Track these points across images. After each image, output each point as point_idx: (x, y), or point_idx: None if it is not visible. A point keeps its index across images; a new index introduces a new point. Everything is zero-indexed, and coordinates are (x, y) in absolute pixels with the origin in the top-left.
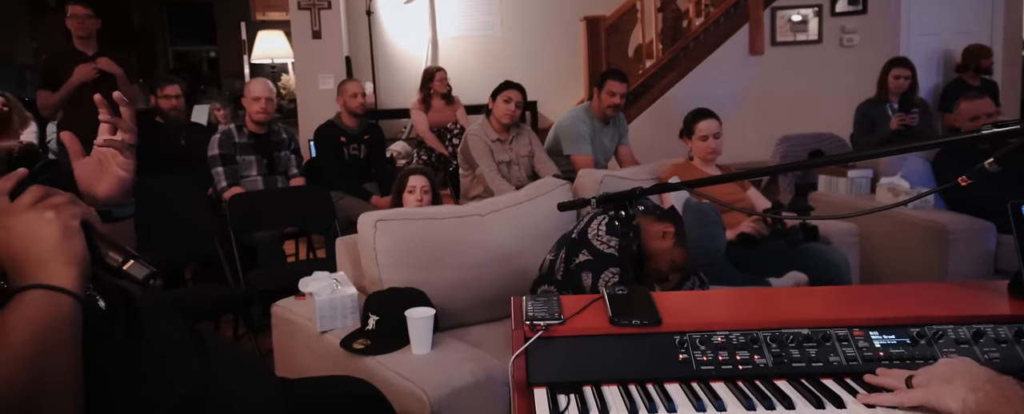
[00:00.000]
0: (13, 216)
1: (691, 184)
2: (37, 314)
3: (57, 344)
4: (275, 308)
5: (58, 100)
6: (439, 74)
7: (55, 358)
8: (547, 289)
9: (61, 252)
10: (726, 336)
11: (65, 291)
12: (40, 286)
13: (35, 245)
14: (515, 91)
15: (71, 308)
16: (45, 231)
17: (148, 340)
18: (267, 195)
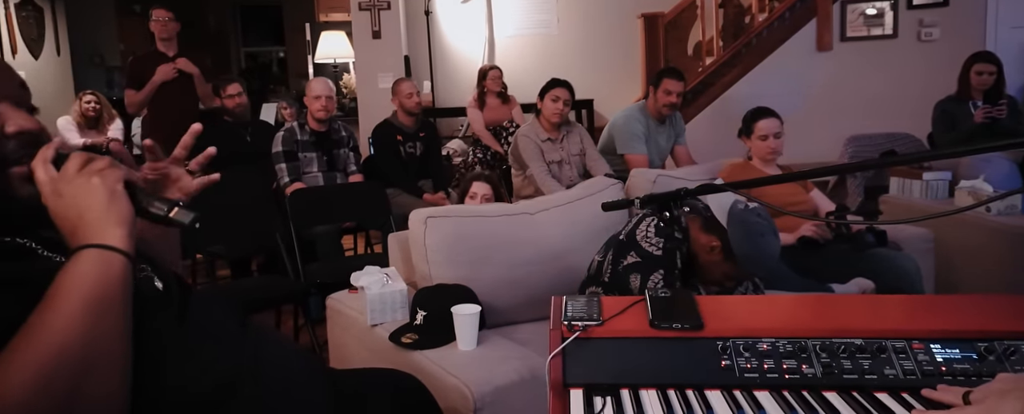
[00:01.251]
0: (64, 183)
1: (739, 185)
2: (90, 270)
3: (109, 298)
4: (330, 301)
5: (142, 98)
6: (492, 72)
7: (107, 312)
8: (594, 290)
9: (110, 214)
10: (772, 343)
11: (115, 249)
12: (92, 246)
13: (87, 211)
14: (563, 89)
15: (122, 265)
16: (94, 196)
17: (198, 321)
18: (326, 191)
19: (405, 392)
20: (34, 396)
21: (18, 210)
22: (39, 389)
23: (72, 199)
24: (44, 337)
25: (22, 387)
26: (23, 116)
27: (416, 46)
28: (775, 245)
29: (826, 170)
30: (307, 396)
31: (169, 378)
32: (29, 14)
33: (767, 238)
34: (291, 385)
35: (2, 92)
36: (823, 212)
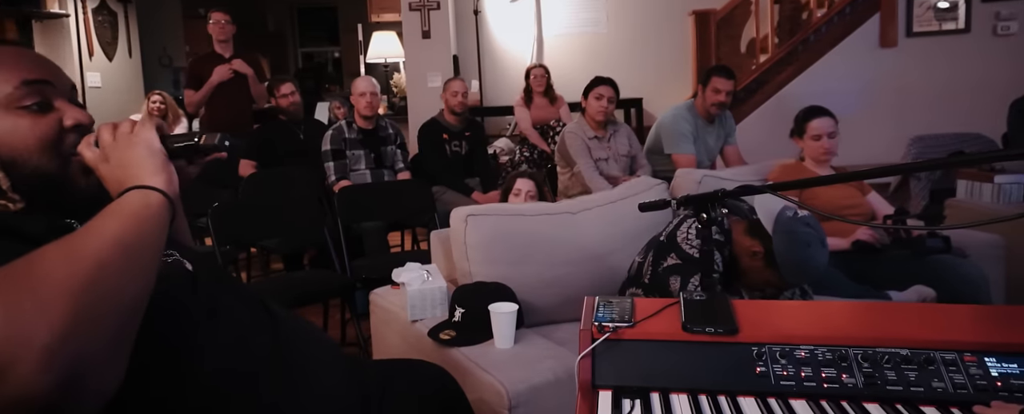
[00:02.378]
0: (110, 149)
1: (779, 186)
2: (130, 205)
3: (147, 233)
4: (373, 295)
5: (200, 98)
6: (535, 71)
7: (144, 246)
8: (634, 291)
9: (149, 165)
10: (811, 351)
11: (154, 188)
12: (133, 187)
13: (130, 166)
14: (607, 87)
15: (160, 200)
16: (134, 153)
17: (226, 306)
18: (372, 188)
19: (428, 382)
20: (54, 265)
21: (80, 198)
22: (62, 261)
23: (117, 160)
24: (76, 234)
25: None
26: (79, 111)
27: (465, 45)
28: (822, 256)
29: (881, 170)
30: (329, 382)
31: (196, 361)
32: (105, 19)
33: (813, 248)
34: (314, 371)
35: (61, 90)
36: (881, 216)
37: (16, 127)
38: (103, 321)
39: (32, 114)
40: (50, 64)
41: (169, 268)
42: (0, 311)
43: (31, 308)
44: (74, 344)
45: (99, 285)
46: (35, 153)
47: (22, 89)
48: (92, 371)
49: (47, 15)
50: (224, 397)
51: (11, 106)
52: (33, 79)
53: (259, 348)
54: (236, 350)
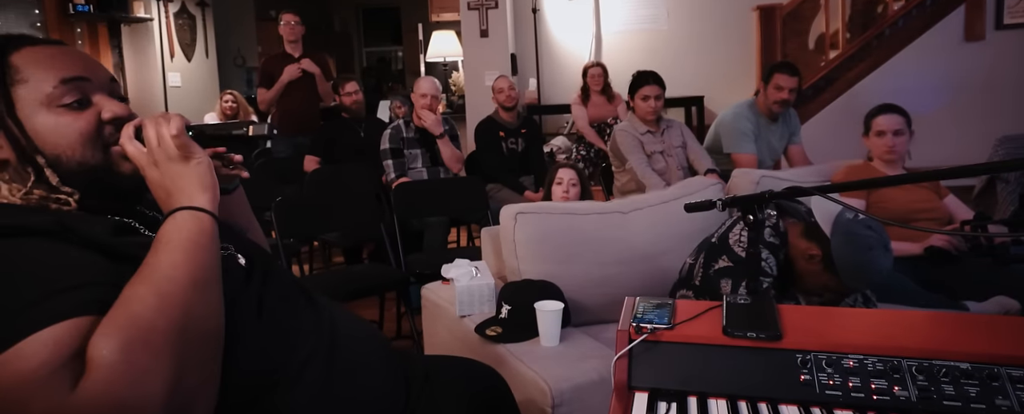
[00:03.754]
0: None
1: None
2: (184, 223)
3: (203, 246)
4: (424, 290)
5: (271, 97)
6: (593, 70)
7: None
8: (685, 293)
9: (196, 182)
10: (860, 360)
11: (202, 210)
12: (184, 208)
13: (178, 179)
14: (651, 86)
15: (210, 221)
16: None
17: (278, 296)
18: (427, 185)
19: (478, 380)
20: (155, 314)
21: (121, 184)
22: (158, 308)
23: (166, 170)
24: (152, 270)
25: (142, 301)
26: (116, 103)
27: (523, 44)
28: (884, 261)
29: (953, 171)
30: (374, 375)
31: (247, 349)
32: (184, 22)
33: (875, 252)
34: (361, 364)
35: (99, 84)
36: (958, 220)
37: (58, 124)
38: (202, 360)
39: (72, 111)
40: (87, 59)
41: (224, 262)
42: (124, 368)
43: (146, 362)
44: (182, 391)
45: (190, 331)
46: (78, 148)
47: (61, 87)
48: (203, 405)
49: (134, 19)
50: (268, 387)
51: (52, 104)
52: (71, 76)
53: (304, 341)
54: (281, 342)
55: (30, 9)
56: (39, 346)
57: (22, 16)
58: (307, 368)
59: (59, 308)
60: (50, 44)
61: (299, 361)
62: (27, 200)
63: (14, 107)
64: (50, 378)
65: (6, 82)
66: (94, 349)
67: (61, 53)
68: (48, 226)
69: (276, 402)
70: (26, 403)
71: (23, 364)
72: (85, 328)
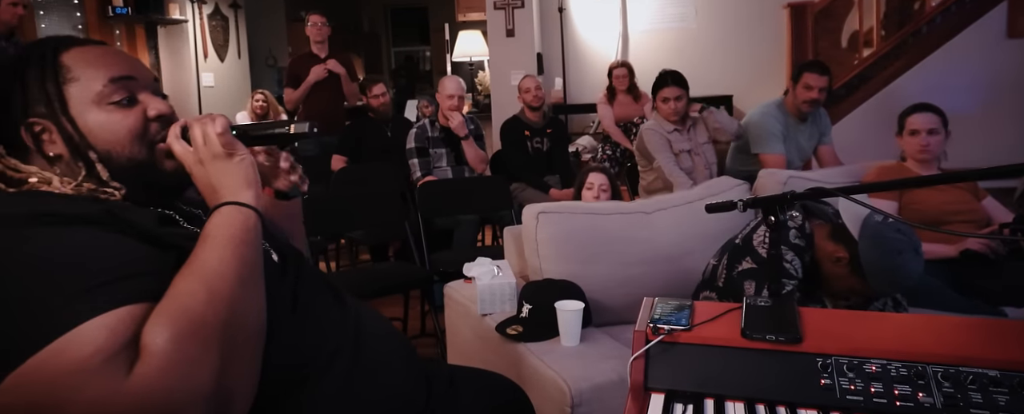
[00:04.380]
0: (206, 156)
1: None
2: (229, 219)
3: (247, 241)
4: (447, 289)
5: (298, 96)
6: (618, 71)
7: (246, 251)
8: (708, 295)
9: (241, 179)
10: (883, 365)
11: (246, 205)
12: (228, 203)
13: (224, 176)
14: (672, 87)
15: (254, 217)
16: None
17: (308, 294)
18: (451, 184)
19: (499, 393)
20: (205, 307)
21: (164, 180)
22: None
23: (212, 168)
24: (202, 264)
25: (193, 296)
26: (161, 102)
27: (549, 43)
28: (915, 265)
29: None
30: (395, 378)
31: (279, 344)
32: (218, 23)
33: (905, 256)
34: (384, 362)
35: (144, 83)
36: (997, 223)
37: (108, 121)
38: (244, 354)
39: (121, 108)
40: (132, 59)
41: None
42: (177, 357)
43: (196, 354)
44: (226, 382)
45: (236, 324)
46: (126, 144)
47: (110, 86)
48: (242, 399)
49: (170, 21)
50: (297, 382)
51: (102, 102)
52: (119, 76)
53: (332, 339)
54: (311, 338)
55: (72, 12)
56: (95, 332)
57: (65, 18)
58: (333, 364)
59: (114, 295)
60: (95, 44)
61: (326, 357)
62: (77, 192)
63: (67, 105)
64: (105, 364)
65: (59, 81)
66: (148, 337)
67: (108, 53)
68: (100, 215)
69: (301, 397)
70: (81, 388)
71: (80, 349)
72: (139, 316)
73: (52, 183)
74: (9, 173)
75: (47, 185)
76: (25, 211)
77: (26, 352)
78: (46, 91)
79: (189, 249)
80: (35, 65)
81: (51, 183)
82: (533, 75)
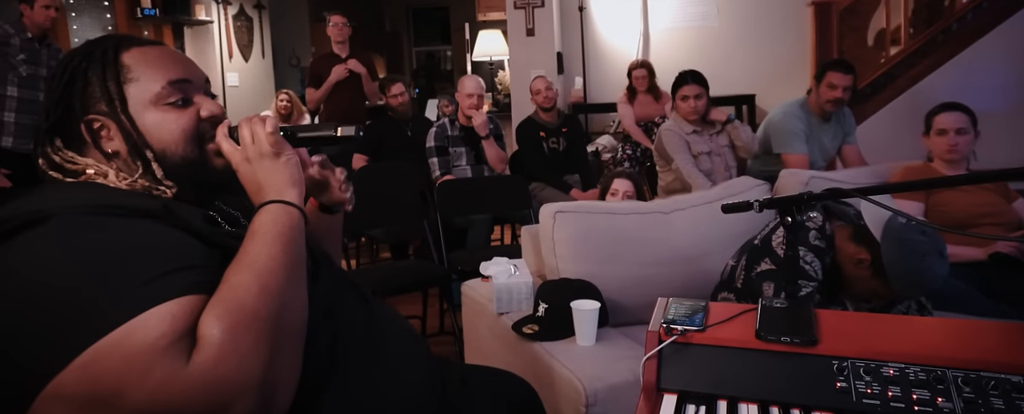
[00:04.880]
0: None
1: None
2: (275, 216)
3: (293, 238)
4: (464, 287)
5: (319, 96)
6: (637, 72)
7: (292, 248)
8: (726, 296)
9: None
10: (901, 369)
11: (291, 203)
12: (274, 201)
13: (269, 175)
14: (692, 85)
15: (298, 215)
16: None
17: (327, 294)
18: (470, 183)
19: (513, 394)
20: (257, 301)
21: (213, 178)
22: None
23: (259, 166)
24: (254, 259)
25: (246, 289)
26: (213, 103)
27: (569, 42)
28: (940, 268)
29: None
30: (411, 379)
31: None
32: (242, 24)
33: (929, 259)
34: (401, 365)
35: (197, 84)
36: None
37: (164, 121)
38: (290, 346)
39: (176, 109)
40: (188, 62)
41: None
42: (231, 349)
43: (248, 346)
44: (274, 375)
45: (284, 319)
46: (180, 143)
47: (168, 88)
48: (285, 392)
49: (196, 22)
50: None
51: (159, 103)
52: (177, 79)
53: (356, 340)
54: (339, 342)
55: (103, 13)
56: (158, 319)
57: (96, 20)
58: (355, 364)
59: (174, 285)
60: (154, 45)
61: (350, 357)
62: (132, 187)
63: (127, 104)
64: (168, 349)
65: (120, 80)
66: (205, 328)
67: (165, 54)
68: (160, 210)
69: (324, 396)
70: (148, 371)
71: (146, 334)
72: (197, 306)
73: (108, 176)
74: (67, 164)
75: (103, 178)
76: (91, 202)
77: (97, 332)
78: (107, 90)
79: (234, 247)
80: (97, 63)
81: (107, 176)
82: (544, 76)
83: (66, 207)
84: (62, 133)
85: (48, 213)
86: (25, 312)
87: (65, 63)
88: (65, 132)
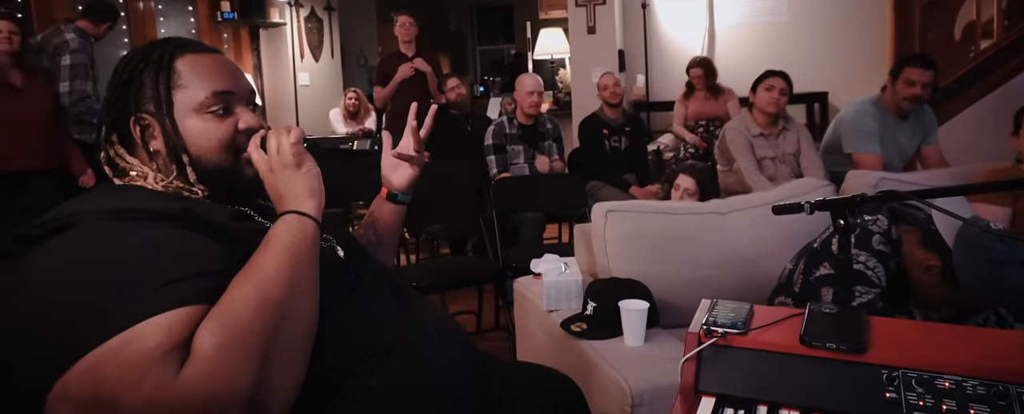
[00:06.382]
0: (277, 165)
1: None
2: (289, 228)
3: (304, 250)
4: (516, 284)
5: (386, 94)
6: (693, 70)
7: (302, 259)
8: (783, 301)
9: (304, 190)
10: (958, 382)
11: (307, 215)
12: (291, 212)
13: (290, 185)
14: (777, 78)
15: (313, 227)
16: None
17: (368, 290)
18: (526, 180)
19: (555, 391)
20: (253, 315)
21: (244, 187)
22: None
23: (281, 176)
24: (259, 271)
25: (244, 303)
26: (252, 116)
27: (631, 40)
28: (1018, 278)
29: None
30: (453, 376)
31: (331, 341)
32: (313, 25)
33: (1008, 268)
34: (439, 362)
35: (241, 96)
36: None
37: (204, 129)
38: (288, 357)
39: (217, 118)
40: (237, 74)
41: (323, 253)
42: (220, 364)
43: (238, 361)
44: (267, 384)
45: (283, 332)
46: (216, 151)
47: (212, 98)
48: (279, 401)
49: (270, 24)
50: (344, 378)
51: (202, 111)
52: (221, 90)
53: (386, 336)
54: (364, 337)
55: (187, 17)
56: (155, 329)
57: (181, 23)
58: (385, 361)
59: (177, 295)
60: (208, 53)
61: (379, 353)
62: (166, 188)
63: (173, 108)
64: (162, 359)
65: (170, 85)
66: (198, 341)
67: (216, 64)
68: (175, 212)
69: (351, 391)
70: (143, 379)
71: (143, 342)
72: (195, 317)
73: (147, 179)
74: (117, 161)
75: (143, 180)
76: (114, 207)
77: (99, 337)
78: (158, 92)
79: (256, 243)
80: (153, 65)
81: (147, 179)
82: (613, 72)
83: (92, 212)
84: (119, 130)
85: (76, 219)
86: (41, 314)
87: (126, 62)
88: (121, 129)
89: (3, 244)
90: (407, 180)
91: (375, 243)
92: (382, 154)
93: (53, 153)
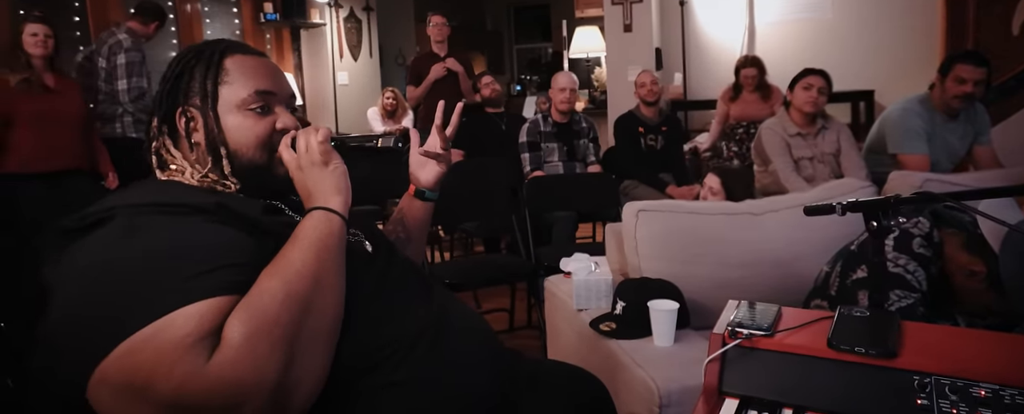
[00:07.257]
0: (305, 163)
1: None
2: (317, 224)
3: (330, 245)
4: (547, 282)
5: (419, 94)
6: (746, 71)
7: (328, 254)
8: (819, 303)
9: (331, 187)
10: (994, 390)
11: (334, 211)
12: (319, 208)
13: (318, 183)
14: (817, 77)
15: (339, 223)
16: (323, 173)
17: (394, 285)
18: (559, 179)
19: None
20: (281, 307)
21: (275, 184)
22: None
23: (309, 173)
24: (287, 265)
25: (272, 295)
26: (290, 117)
27: (669, 38)
28: None
29: None
30: (476, 374)
31: (355, 337)
32: (352, 25)
33: None
34: (462, 359)
35: (281, 98)
36: None
37: (242, 125)
38: (313, 349)
39: (256, 115)
40: (279, 77)
41: (350, 247)
42: (248, 353)
43: (265, 351)
44: (292, 375)
45: (308, 325)
46: (252, 147)
47: (254, 96)
48: (304, 392)
49: (311, 25)
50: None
51: (244, 107)
52: (263, 89)
53: (409, 332)
54: (387, 332)
55: (232, 19)
56: (186, 318)
57: (226, 24)
58: (408, 357)
59: (205, 287)
60: (254, 55)
61: (401, 349)
62: (201, 182)
63: (217, 102)
64: (192, 348)
65: (217, 81)
66: (227, 331)
67: (261, 66)
68: (209, 207)
69: (372, 386)
70: (174, 366)
71: (173, 332)
72: (225, 307)
73: (185, 173)
74: (163, 153)
75: (181, 175)
76: (150, 201)
77: (136, 325)
78: (205, 87)
79: (287, 236)
80: (203, 62)
81: (185, 173)
82: (650, 71)
83: (130, 206)
84: (169, 122)
85: (115, 212)
86: (84, 301)
87: (179, 58)
88: (170, 123)
89: (49, 238)
90: (434, 177)
91: (404, 239)
92: (409, 152)
93: (85, 153)
